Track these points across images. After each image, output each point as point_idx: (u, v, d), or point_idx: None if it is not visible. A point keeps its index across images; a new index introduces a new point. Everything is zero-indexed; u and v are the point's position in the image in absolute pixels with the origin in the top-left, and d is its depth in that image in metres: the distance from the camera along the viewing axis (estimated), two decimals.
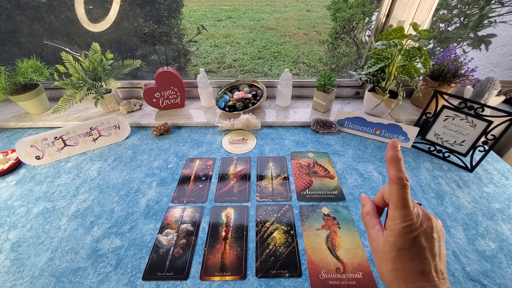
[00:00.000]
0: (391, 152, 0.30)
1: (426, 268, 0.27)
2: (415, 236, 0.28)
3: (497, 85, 0.70)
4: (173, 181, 0.59)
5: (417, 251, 0.28)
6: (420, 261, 0.28)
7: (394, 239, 0.29)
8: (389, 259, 0.29)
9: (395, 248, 0.29)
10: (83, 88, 0.73)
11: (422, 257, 0.28)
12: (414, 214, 0.28)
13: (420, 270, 0.28)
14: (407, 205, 0.29)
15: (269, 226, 0.49)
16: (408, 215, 0.28)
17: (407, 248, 0.28)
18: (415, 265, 0.28)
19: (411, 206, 0.29)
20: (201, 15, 4.55)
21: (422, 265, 0.28)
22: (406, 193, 0.29)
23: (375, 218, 0.33)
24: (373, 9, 2.12)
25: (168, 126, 0.75)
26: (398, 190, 0.29)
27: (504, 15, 1.30)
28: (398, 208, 0.29)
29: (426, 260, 0.28)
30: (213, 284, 0.41)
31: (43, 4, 1.08)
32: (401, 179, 0.29)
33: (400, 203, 0.29)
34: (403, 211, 0.29)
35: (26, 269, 0.43)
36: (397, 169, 0.30)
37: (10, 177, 0.62)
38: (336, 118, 0.76)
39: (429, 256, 0.28)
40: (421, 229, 0.28)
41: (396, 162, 0.30)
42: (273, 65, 3.02)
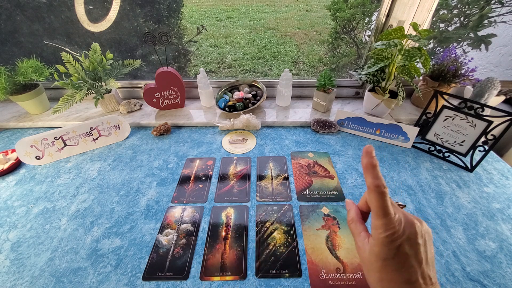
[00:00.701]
0: (366, 159, 0.29)
1: (412, 277, 0.27)
2: (399, 245, 0.27)
3: (497, 85, 0.70)
4: (173, 181, 0.59)
5: (402, 260, 0.27)
6: (406, 270, 0.27)
7: (378, 249, 0.28)
8: (375, 269, 0.28)
9: (380, 258, 0.28)
10: (83, 88, 0.73)
11: (407, 265, 0.27)
12: (396, 222, 0.28)
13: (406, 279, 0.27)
14: (388, 213, 0.28)
15: (269, 226, 0.49)
16: (389, 223, 0.28)
17: (392, 258, 0.27)
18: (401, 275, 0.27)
19: (392, 214, 0.28)
20: (201, 15, 4.55)
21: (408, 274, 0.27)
22: (385, 201, 0.28)
23: (360, 225, 0.32)
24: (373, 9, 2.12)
25: (168, 126, 0.75)
26: (376, 198, 0.28)
27: (504, 15, 1.30)
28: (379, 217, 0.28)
29: (412, 269, 0.27)
30: (213, 284, 0.41)
31: (43, 4, 1.08)
32: (378, 186, 0.28)
33: (381, 212, 0.28)
34: (384, 220, 0.28)
35: (26, 269, 0.43)
36: (373, 176, 0.29)
37: (10, 177, 0.62)
38: (336, 118, 0.76)
39: (415, 264, 0.27)
40: (404, 236, 0.27)
41: (372, 169, 0.29)
42: (273, 65, 3.02)
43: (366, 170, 0.29)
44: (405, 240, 0.27)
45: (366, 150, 0.29)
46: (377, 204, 0.28)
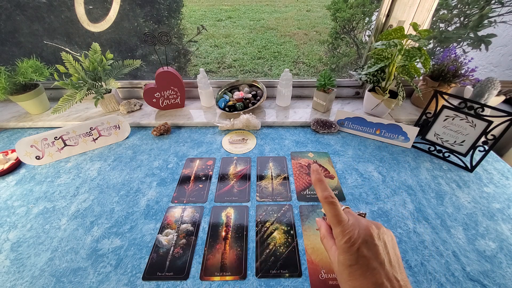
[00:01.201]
0: (314, 176, 0.33)
1: (377, 279, 0.27)
2: (357, 248, 0.28)
3: (497, 85, 0.70)
4: (173, 181, 0.59)
5: (364, 264, 0.28)
6: (370, 273, 0.27)
7: (342, 257, 0.29)
8: (346, 279, 0.29)
9: (346, 266, 0.28)
10: (83, 88, 0.73)
11: (370, 268, 0.27)
12: (350, 227, 0.29)
13: (372, 282, 0.27)
14: (341, 220, 0.30)
15: (269, 226, 0.49)
16: (344, 229, 0.29)
17: (355, 264, 0.28)
18: (367, 279, 0.27)
19: (345, 219, 0.30)
20: (201, 15, 4.55)
21: (373, 277, 0.27)
22: (336, 209, 0.30)
23: (331, 240, 0.33)
24: (373, 9, 2.12)
25: (168, 126, 0.75)
26: (328, 208, 0.30)
27: (504, 15, 1.30)
28: (335, 225, 0.30)
29: (375, 271, 0.27)
30: (213, 284, 0.41)
31: (43, 4, 1.08)
32: (326, 197, 0.31)
33: (335, 220, 0.30)
34: (339, 227, 0.30)
35: (26, 269, 0.43)
36: (322, 189, 0.32)
37: (10, 177, 0.62)
38: (336, 118, 0.76)
39: (377, 265, 0.27)
40: (360, 240, 0.28)
41: (320, 184, 0.32)
42: (273, 65, 3.02)
43: (315, 185, 0.33)
44: (362, 243, 0.28)
45: (313, 169, 0.33)
46: (330, 213, 0.31)
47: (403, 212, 0.52)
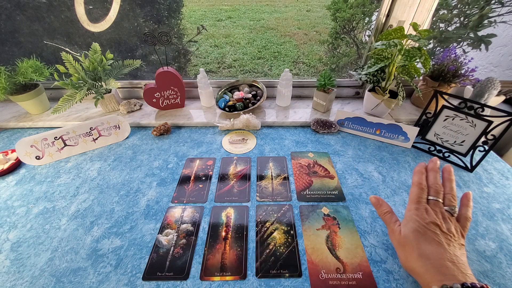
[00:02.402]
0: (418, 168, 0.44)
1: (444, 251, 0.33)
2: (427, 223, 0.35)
3: (497, 85, 0.70)
4: (173, 181, 0.59)
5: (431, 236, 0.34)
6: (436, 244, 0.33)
7: (412, 224, 0.36)
8: (413, 245, 0.35)
9: (413, 230, 0.35)
10: (83, 88, 0.73)
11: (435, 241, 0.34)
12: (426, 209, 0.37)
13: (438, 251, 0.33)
14: (421, 201, 0.39)
15: (269, 226, 0.49)
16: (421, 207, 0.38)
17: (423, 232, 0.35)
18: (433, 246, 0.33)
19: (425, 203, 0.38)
20: (201, 15, 4.55)
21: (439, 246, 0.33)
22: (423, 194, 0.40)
23: (394, 215, 0.41)
24: (373, 9, 2.12)
25: (168, 126, 0.75)
26: (417, 190, 0.41)
27: (504, 15, 1.30)
28: (414, 202, 0.39)
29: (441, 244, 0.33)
30: (213, 284, 0.41)
31: (43, 4, 1.08)
32: (420, 183, 0.41)
33: (416, 199, 0.39)
34: (417, 204, 0.38)
35: (26, 269, 0.43)
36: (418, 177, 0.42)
37: (10, 177, 0.62)
38: (336, 118, 0.76)
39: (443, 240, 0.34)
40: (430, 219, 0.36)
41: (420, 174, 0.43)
42: (273, 65, 3.02)
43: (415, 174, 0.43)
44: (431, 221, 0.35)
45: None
46: (416, 194, 0.40)
47: (403, 212, 0.52)
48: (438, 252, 0.32)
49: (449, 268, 0.30)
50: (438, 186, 0.41)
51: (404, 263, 0.36)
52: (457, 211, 0.39)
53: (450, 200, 0.39)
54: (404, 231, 0.36)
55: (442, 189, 0.41)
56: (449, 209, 0.38)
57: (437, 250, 0.32)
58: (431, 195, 0.40)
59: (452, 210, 0.38)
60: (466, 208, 0.39)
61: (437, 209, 0.37)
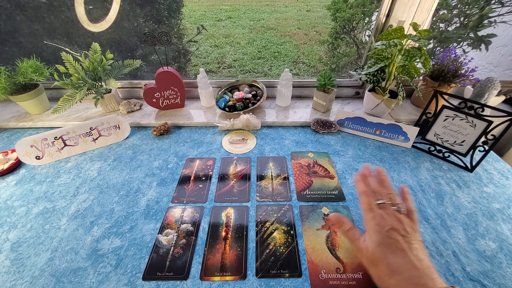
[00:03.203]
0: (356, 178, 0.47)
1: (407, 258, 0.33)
2: (387, 230, 0.36)
3: (497, 85, 0.70)
4: (173, 181, 0.59)
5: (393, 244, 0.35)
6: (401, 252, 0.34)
7: (375, 236, 0.36)
8: (380, 256, 0.34)
9: (378, 243, 0.35)
10: (83, 88, 0.73)
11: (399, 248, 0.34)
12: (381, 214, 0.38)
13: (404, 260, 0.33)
14: (373, 208, 0.39)
15: (269, 226, 0.49)
16: (375, 214, 0.38)
17: (386, 242, 0.35)
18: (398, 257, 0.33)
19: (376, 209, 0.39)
20: (201, 15, 4.55)
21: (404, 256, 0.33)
22: (371, 200, 0.40)
23: (357, 230, 0.40)
24: (373, 9, 2.12)
25: (168, 126, 0.75)
26: (365, 199, 0.41)
27: (504, 15, 1.30)
28: (367, 211, 0.40)
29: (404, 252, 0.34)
30: (213, 284, 0.41)
31: (43, 4, 1.08)
32: (365, 191, 0.43)
33: (368, 207, 0.40)
34: (371, 213, 0.39)
35: (26, 269, 0.43)
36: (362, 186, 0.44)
37: (10, 177, 0.62)
38: (336, 118, 0.76)
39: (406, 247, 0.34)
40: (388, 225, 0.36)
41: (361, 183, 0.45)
42: (273, 65, 3.02)
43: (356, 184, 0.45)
44: (391, 228, 0.36)
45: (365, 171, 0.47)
46: (366, 203, 0.41)
47: None
48: (405, 263, 0.33)
49: (419, 277, 0.31)
50: (380, 189, 0.42)
51: (379, 283, 0.35)
52: (403, 207, 0.40)
53: (393, 199, 0.41)
54: (371, 247, 0.35)
55: (384, 191, 0.42)
56: (397, 208, 0.40)
57: (404, 260, 0.33)
58: (378, 199, 0.41)
59: (399, 208, 0.40)
60: (408, 202, 0.42)
61: (388, 212, 0.38)
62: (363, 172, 0.47)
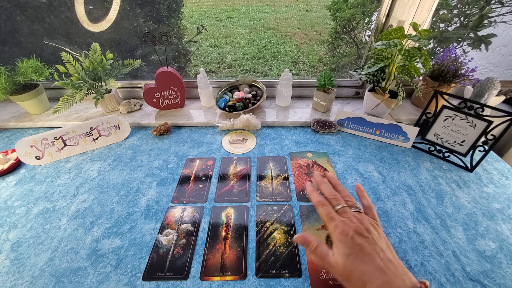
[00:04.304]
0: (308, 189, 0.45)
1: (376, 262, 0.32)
2: (351, 237, 0.35)
3: (497, 85, 0.70)
4: (173, 181, 0.59)
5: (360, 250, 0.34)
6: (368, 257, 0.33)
7: (341, 247, 0.35)
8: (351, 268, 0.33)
9: (346, 255, 0.34)
10: (83, 88, 0.73)
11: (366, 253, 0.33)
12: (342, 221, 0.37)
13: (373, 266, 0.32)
14: (333, 217, 0.38)
15: (269, 226, 0.49)
16: (337, 223, 0.37)
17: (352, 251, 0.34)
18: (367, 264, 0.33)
19: (337, 216, 0.38)
20: (201, 15, 4.55)
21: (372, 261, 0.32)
22: (328, 209, 0.39)
23: (325, 246, 0.37)
24: (373, 9, 2.12)
25: (168, 126, 0.75)
26: (322, 209, 0.40)
27: (504, 15, 1.30)
28: (329, 221, 0.38)
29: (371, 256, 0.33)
30: (213, 284, 0.41)
31: (43, 4, 1.08)
32: (319, 201, 0.41)
33: (328, 217, 0.38)
34: (333, 222, 0.37)
35: (26, 269, 0.43)
36: (314, 197, 0.42)
37: (10, 177, 0.62)
38: (336, 118, 0.76)
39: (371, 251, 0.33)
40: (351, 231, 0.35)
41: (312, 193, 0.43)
42: (273, 65, 3.02)
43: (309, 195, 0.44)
44: (354, 233, 0.35)
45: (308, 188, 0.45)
46: (324, 213, 0.39)
47: (403, 212, 0.52)
48: (375, 269, 0.32)
49: (390, 282, 0.31)
50: (335, 194, 0.43)
51: None
52: (361, 206, 0.41)
53: (349, 200, 0.42)
54: (341, 261, 0.34)
55: (339, 195, 0.43)
56: (355, 209, 0.40)
57: (373, 266, 0.32)
58: (335, 205, 0.41)
59: (358, 208, 0.40)
60: (364, 198, 0.43)
61: (349, 215, 0.38)
62: (316, 179, 0.47)
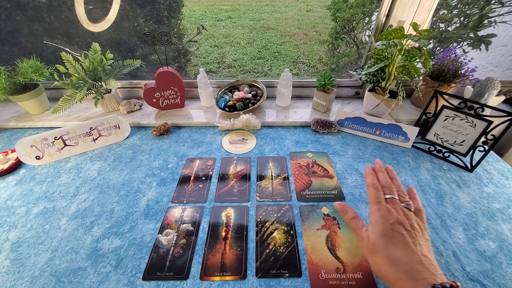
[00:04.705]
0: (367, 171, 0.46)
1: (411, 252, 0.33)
2: (391, 223, 0.35)
3: (497, 85, 0.70)
4: (173, 181, 0.59)
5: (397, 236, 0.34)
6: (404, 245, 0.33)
7: (378, 227, 0.36)
8: (382, 247, 0.34)
9: (381, 234, 0.35)
10: (83, 88, 0.73)
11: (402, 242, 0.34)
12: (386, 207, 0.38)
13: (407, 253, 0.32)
14: (380, 201, 0.39)
15: (269, 226, 0.49)
16: (382, 207, 0.38)
17: (389, 234, 0.34)
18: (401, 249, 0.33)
19: (384, 201, 0.39)
20: (201, 15, 4.55)
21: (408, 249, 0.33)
22: (379, 193, 0.40)
23: (360, 220, 0.40)
24: (373, 9, 2.12)
25: (168, 126, 0.75)
26: (373, 191, 0.41)
27: (504, 15, 1.30)
28: (374, 203, 0.39)
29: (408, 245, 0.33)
30: (213, 284, 0.41)
31: (43, 4, 1.08)
32: (374, 184, 0.42)
33: (375, 199, 0.39)
34: (378, 205, 0.38)
35: (26, 269, 0.43)
36: (370, 179, 0.43)
37: (10, 177, 0.62)
38: (336, 118, 0.76)
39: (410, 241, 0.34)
40: (393, 218, 0.36)
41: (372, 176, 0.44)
42: (273, 65, 3.02)
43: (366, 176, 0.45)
44: (396, 221, 0.36)
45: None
46: (373, 195, 0.40)
47: None
48: (407, 256, 0.32)
49: (419, 272, 0.30)
50: (390, 185, 0.42)
51: (377, 272, 0.35)
52: (412, 205, 0.40)
53: (402, 196, 0.41)
54: (373, 237, 0.35)
55: (394, 187, 0.42)
56: (406, 205, 0.39)
57: (406, 253, 0.32)
58: (387, 194, 0.41)
59: (409, 205, 0.40)
60: (416, 201, 0.42)
61: (396, 207, 0.38)
62: (375, 166, 0.47)
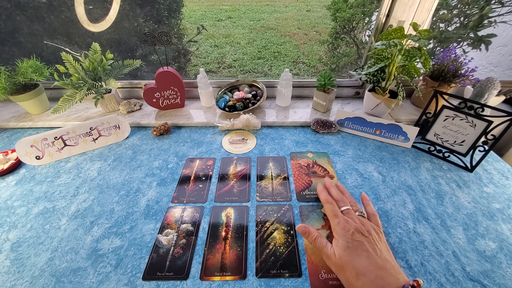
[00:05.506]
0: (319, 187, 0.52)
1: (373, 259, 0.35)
2: (351, 233, 0.38)
3: (497, 85, 0.70)
4: (173, 181, 0.59)
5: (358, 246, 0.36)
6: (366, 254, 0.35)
7: (341, 241, 0.38)
8: (347, 260, 0.36)
9: (344, 247, 0.37)
10: (83, 88, 0.73)
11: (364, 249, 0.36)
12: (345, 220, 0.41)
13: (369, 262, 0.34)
14: (338, 214, 0.42)
15: (269, 226, 0.49)
16: (340, 220, 0.41)
17: (351, 245, 0.37)
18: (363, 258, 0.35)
19: (341, 214, 0.42)
20: (201, 15, 4.55)
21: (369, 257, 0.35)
22: (335, 207, 0.44)
23: (323, 238, 0.41)
24: (373, 9, 2.12)
25: (168, 126, 0.75)
26: (329, 207, 0.45)
27: (504, 15, 1.30)
28: (333, 218, 0.42)
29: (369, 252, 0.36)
30: (213, 284, 0.41)
31: (43, 4, 1.08)
32: (327, 199, 0.46)
33: (333, 214, 0.43)
34: (336, 219, 0.41)
35: (26, 269, 0.43)
36: (324, 195, 0.48)
37: (10, 177, 0.62)
38: (336, 118, 0.76)
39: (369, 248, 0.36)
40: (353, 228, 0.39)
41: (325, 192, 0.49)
42: (273, 65, 3.02)
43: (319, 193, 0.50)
44: (355, 231, 0.38)
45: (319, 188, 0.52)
46: (330, 210, 0.44)
47: (403, 212, 0.52)
48: (370, 264, 0.34)
49: (384, 278, 0.33)
50: (342, 197, 0.47)
51: (347, 287, 0.36)
52: (365, 212, 0.45)
53: (354, 206, 0.46)
54: (338, 252, 0.37)
55: (346, 199, 0.47)
56: (359, 213, 0.44)
57: (369, 262, 0.34)
58: (341, 206, 0.45)
59: (362, 213, 0.44)
60: (369, 206, 0.46)
61: (352, 216, 0.42)
62: (325, 184, 0.52)
